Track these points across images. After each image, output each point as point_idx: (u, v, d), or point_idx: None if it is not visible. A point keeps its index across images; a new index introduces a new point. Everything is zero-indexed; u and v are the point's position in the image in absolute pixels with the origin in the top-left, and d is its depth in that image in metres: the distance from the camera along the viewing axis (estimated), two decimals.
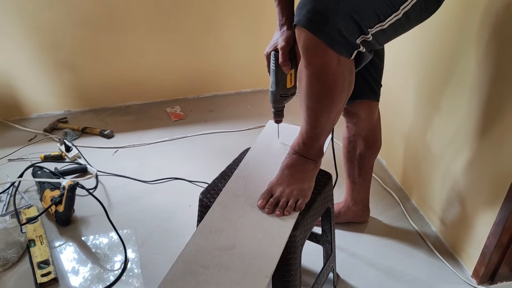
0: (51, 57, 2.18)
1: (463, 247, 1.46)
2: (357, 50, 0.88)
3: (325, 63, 0.86)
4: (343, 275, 1.43)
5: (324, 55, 0.85)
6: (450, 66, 1.38)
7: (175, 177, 1.89)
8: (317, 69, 0.88)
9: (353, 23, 0.84)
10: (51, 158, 1.96)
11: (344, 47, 0.85)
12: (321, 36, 0.83)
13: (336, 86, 0.90)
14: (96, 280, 1.43)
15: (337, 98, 0.92)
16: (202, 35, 2.36)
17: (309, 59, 0.87)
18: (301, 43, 0.86)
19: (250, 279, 0.85)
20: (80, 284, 1.41)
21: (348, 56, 0.87)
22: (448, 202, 1.50)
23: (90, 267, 1.47)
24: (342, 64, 0.87)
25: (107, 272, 1.46)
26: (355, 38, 0.86)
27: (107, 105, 2.42)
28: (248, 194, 1.06)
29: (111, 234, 1.59)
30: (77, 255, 1.52)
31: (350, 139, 1.42)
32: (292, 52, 1.05)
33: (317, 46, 0.84)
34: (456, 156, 1.41)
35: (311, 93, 0.92)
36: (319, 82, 0.90)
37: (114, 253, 1.53)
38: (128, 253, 1.51)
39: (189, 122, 2.32)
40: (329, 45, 0.83)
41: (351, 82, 0.93)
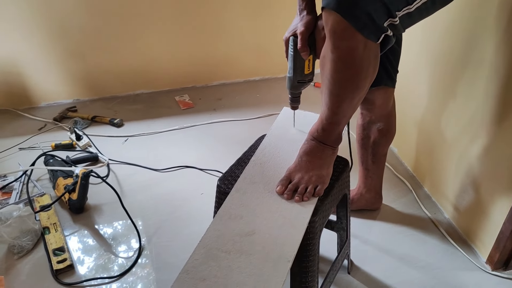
0: (60, 46, 2.18)
1: (477, 233, 1.46)
2: (384, 33, 0.87)
3: (352, 47, 0.85)
4: (357, 262, 1.44)
5: (351, 39, 0.84)
6: (467, 51, 1.37)
7: (186, 165, 1.89)
8: (343, 53, 0.87)
9: (382, 6, 0.83)
10: (62, 147, 1.97)
11: (372, 31, 0.84)
12: (350, 19, 0.81)
13: (362, 71, 0.89)
14: (110, 267, 1.44)
15: (362, 83, 0.91)
16: (210, 23, 2.34)
17: (336, 43, 0.86)
18: (328, 27, 0.85)
19: (272, 264, 0.85)
20: (94, 270, 1.42)
21: (375, 40, 0.86)
22: (462, 188, 1.50)
23: (104, 254, 1.48)
24: (368, 48, 0.86)
25: (121, 259, 1.47)
26: (383, 21, 0.85)
27: (116, 93, 2.42)
28: (265, 181, 1.05)
29: (124, 222, 1.60)
30: (91, 242, 1.53)
31: (364, 126, 1.42)
32: (311, 37, 1.03)
33: (345, 30, 0.83)
34: (471, 142, 1.41)
35: (336, 78, 0.91)
36: (345, 67, 0.89)
37: (127, 240, 1.53)
38: (142, 240, 1.51)
39: (198, 110, 2.31)
40: (358, 29, 0.82)
41: (376, 67, 0.92)
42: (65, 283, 1.37)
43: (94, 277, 1.39)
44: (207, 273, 0.84)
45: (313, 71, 1.10)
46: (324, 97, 0.97)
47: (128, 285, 1.38)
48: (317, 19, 1.05)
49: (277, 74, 2.60)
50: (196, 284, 0.82)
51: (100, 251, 1.50)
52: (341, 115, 0.98)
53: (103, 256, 1.47)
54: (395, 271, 1.40)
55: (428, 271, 1.40)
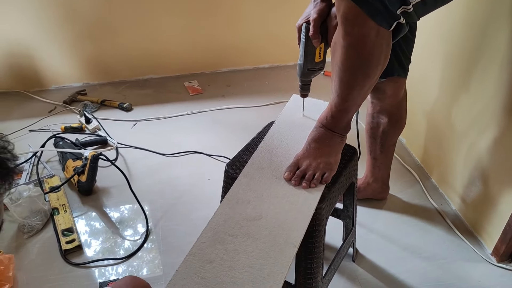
0: (71, 29, 2.18)
1: (483, 225, 1.45)
2: (397, 21, 0.86)
3: (364, 34, 0.84)
4: (362, 250, 1.44)
5: (363, 26, 0.83)
6: (480, 42, 1.35)
7: (194, 150, 1.90)
8: (355, 40, 0.86)
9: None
10: (72, 130, 1.98)
11: (384, 17, 0.83)
12: (362, 5, 0.81)
13: (373, 58, 0.88)
14: (117, 249, 1.46)
15: (372, 71, 0.91)
16: (221, 9, 2.32)
17: (347, 30, 0.85)
18: (340, 13, 0.84)
19: (278, 248, 0.86)
20: (102, 252, 1.44)
21: (387, 28, 0.85)
22: (470, 180, 1.49)
23: (111, 236, 1.50)
24: (381, 35, 0.85)
25: (128, 241, 1.49)
26: (396, 8, 0.84)
27: (125, 78, 2.42)
28: (273, 167, 1.06)
29: (131, 205, 1.62)
30: (99, 224, 1.55)
31: (374, 115, 1.41)
32: (324, 25, 1.03)
33: (357, 16, 0.82)
34: (481, 134, 1.39)
35: (346, 65, 0.90)
36: (356, 54, 0.88)
37: (134, 223, 1.55)
38: (149, 223, 1.53)
39: (207, 96, 2.31)
40: (370, 15, 0.81)
41: (387, 55, 0.91)
42: (74, 263, 1.39)
43: (101, 258, 1.41)
44: (213, 255, 0.85)
45: (324, 59, 1.10)
46: (334, 84, 0.96)
47: (134, 267, 1.40)
48: (331, 7, 1.04)
49: (286, 62, 2.58)
50: (203, 266, 0.83)
51: (108, 233, 1.52)
52: (350, 103, 0.97)
53: (111, 238, 1.50)
54: (400, 261, 1.41)
55: (433, 262, 1.40)
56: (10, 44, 2.15)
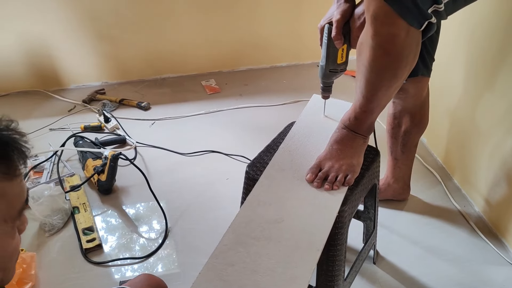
0: (89, 28, 2.20)
1: (508, 227, 1.42)
2: (428, 20, 0.84)
3: (393, 34, 0.83)
4: (383, 252, 1.42)
5: (393, 25, 0.81)
6: (508, 39, 1.31)
7: (212, 150, 1.90)
8: (384, 40, 0.84)
9: None
10: (91, 129, 2.00)
11: (415, 17, 0.81)
12: (393, 4, 0.79)
13: (402, 59, 0.86)
14: (136, 248, 1.47)
15: (400, 72, 0.89)
16: (237, 8, 2.31)
17: (376, 29, 0.83)
18: (370, 12, 0.82)
19: (301, 252, 0.85)
20: (121, 251, 1.45)
21: (418, 27, 0.83)
22: (494, 182, 1.46)
23: (131, 235, 1.51)
24: (411, 35, 0.83)
25: (147, 241, 1.49)
26: (428, 7, 0.82)
27: (143, 77, 2.43)
28: (294, 168, 1.05)
29: (150, 204, 1.62)
30: (119, 223, 1.56)
31: (395, 115, 1.38)
32: (346, 26, 1.01)
33: (387, 15, 0.80)
34: (507, 134, 1.36)
35: (374, 65, 0.89)
36: (384, 54, 0.86)
37: (153, 222, 1.56)
38: (168, 223, 1.53)
39: (224, 95, 2.31)
40: (401, 15, 0.80)
41: (416, 55, 0.89)
42: (94, 261, 1.40)
43: (120, 257, 1.42)
44: (236, 258, 0.85)
45: (346, 61, 1.08)
46: (360, 84, 0.94)
47: (153, 266, 1.40)
48: (354, 8, 1.02)
49: (304, 61, 2.56)
50: (225, 269, 0.83)
51: (127, 232, 1.53)
52: (375, 104, 0.96)
53: (130, 237, 1.50)
54: (421, 263, 1.39)
55: (456, 264, 1.38)
56: (30, 44, 2.18)
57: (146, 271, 1.38)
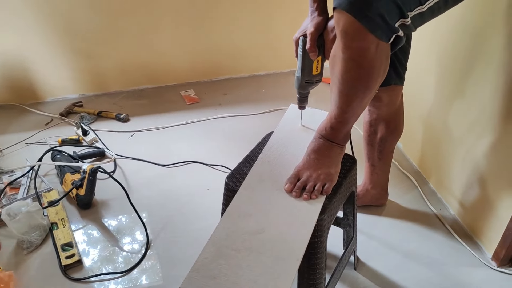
0: (66, 41, 2.18)
1: (482, 230, 1.46)
2: (395, 34, 0.87)
3: (364, 48, 0.85)
4: (363, 258, 1.44)
5: (363, 40, 0.84)
6: (475, 47, 1.36)
7: (192, 160, 1.90)
8: (355, 54, 0.87)
9: (395, 7, 0.83)
10: (69, 142, 1.98)
11: (384, 31, 0.84)
12: (362, 20, 0.81)
13: (373, 71, 0.89)
14: (118, 262, 1.45)
15: (372, 83, 0.91)
16: (215, 18, 2.33)
17: (347, 44, 0.86)
18: (340, 27, 0.85)
19: (281, 262, 0.86)
20: (102, 266, 1.43)
21: (386, 41, 0.86)
22: (468, 185, 1.50)
23: (112, 249, 1.50)
24: (380, 49, 0.86)
25: (129, 255, 1.48)
26: (395, 22, 0.85)
27: (121, 88, 2.42)
28: (274, 179, 1.06)
29: (131, 217, 1.61)
30: (99, 237, 1.54)
31: (371, 123, 1.42)
32: (321, 39, 1.04)
33: (357, 31, 0.83)
34: (478, 139, 1.40)
35: (346, 78, 0.91)
36: (356, 67, 0.89)
37: (134, 236, 1.55)
38: (149, 236, 1.52)
39: (204, 105, 2.31)
40: (370, 30, 0.82)
41: (386, 67, 0.92)
42: (74, 278, 1.38)
43: (102, 272, 1.40)
44: (217, 271, 0.85)
45: (321, 72, 1.11)
46: (334, 96, 0.97)
47: (135, 280, 1.39)
48: (327, 21, 1.05)
49: (282, 69, 2.60)
50: (207, 282, 0.83)
51: (108, 246, 1.51)
52: (350, 114, 0.98)
53: (111, 252, 1.49)
54: (401, 267, 1.41)
55: (434, 267, 1.41)
56: (5, 57, 2.15)
57: (129, 284, 1.37)
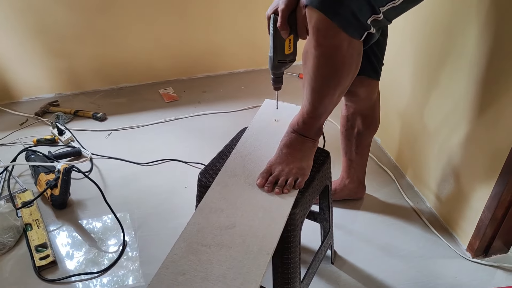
0: (40, 40, 2.14)
1: (457, 221, 1.48)
2: (367, 31, 0.86)
3: (335, 45, 0.85)
4: (340, 252, 1.45)
5: (335, 37, 0.83)
6: (448, 43, 1.37)
7: (170, 158, 1.88)
8: (326, 51, 0.86)
9: (366, 4, 0.82)
10: (44, 142, 1.94)
11: (356, 29, 0.84)
12: (334, 18, 0.81)
13: (344, 68, 0.89)
14: (94, 262, 1.43)
15: (344, 80, 0.91)
16: (192, 15, 2.31)
17: (319, 41, 0.85)
18: (311, 24, 0.84)
19: (251, 257, 0.86)
20: (78, 266, 1.41)
21: (358, 38, 0.86)
22: (443, 178, 1.52)
23: (88, 249, 1.47)
24: (352, 46, 0.86)
25: (105, 254, 1.46)
26: (367, 18, 0.84)
27: (98, 87, 2.39)
28: (247, 174, 1.05)
29: (108, 217, 1.59)
30: (74, 238, 1.52)
31: (348, 117, 1.42)
32: (292, 16, 0.99)
33: (329, 28, 0.82)
34: (452, 132, 1.42)
35: (318, 74, 0.90)
36: (327, 64, 0.88)
37: (111, 235, 1.53)
38: (126, 235, 1.51)
39: (183, 103, 2.30)
40: (342, 28, 0.82)
41: (358, 64, 0.91)
42: (48, 279, 1.36)
43: (78, 272, 1.38)
44: (187, 267, 0.84)
45: (294, 51, 1.06)
46: (306, 91, 0.96)
47: (112, 280, 1.37)
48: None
49: (261, 66, 2.59)
50: (176, 279, 0.82)
51: (84, 246, 1.49)
52: (322, 110, 0.98)
53: (87, 252, 1.47)
54: (378, 261, 1.42)
55: (410, 260, 1.42)
56: None
57: (106, 284, 1.35)
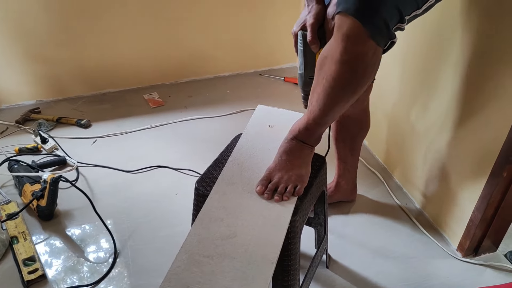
0: (20, 44, 2.07)
1: (447, 222, 1.51)
2: (391, 40, 0.87)
3: (362, 52, 0.85)
4: (334, 256, 1.46)
5: (364, 45, 0.84)
6: (437, 43, 1.40)
7: (159, 165, 1.86)
8: (352, 58, 0.86)
9: (397, 13, 0.84)
10: (27, 151, 1.88)
11: (383, 37, 0.85)
12: (367, 26, 0.81)
13: (365, 75, 0.89)
14: (85, 274, 1.39)
15: (360, 88, 0.91)
16: (176, 19, 2.29)
17: (347, 47, 0.85)
18: (343, 30, 0.84)
19: (255, 266, 0.85)
20: (69, 279, 1.37)
21: (383, 46, 0.87)
22: (431, 179, 1.55)
23: (78, 261, 1.44)
24: (376, 54, 0.87)
25: (96, 265, 1.43)
26: (394, 26, 0.86)
27: (81, 93, 2.34)
28: (244, 181, 1.05)
29: (97, 227, 1.55)
30: (63, 250, 1.48)
31: (341, 121, 1.41)
32: (321, 31, 0.99)
33: (359, 35, 0.82)
34: (440, 133, 1.45)
35: (338, 81, 0.89)
36: (350, 71, 0.88)
37: (101, 246, 1.49)
38: (117, 245, 1.47)
39: (169, 108, 2.27)
40: (371, 36, 0.82)
41: (376, 71, 0.91)
42: None
43: (68, 286, 1.34)
44: (190, 280, 0.83)
45: None
46: (317, 97, 0.94)
47: None
48: (326, 9, 1.02)
49: (246, 70, 2.59)
50: None
51: (73, 258, 1.45)
52: (330, 117, 0.98)
53: (77, 264, 1.43)
54: (372, 263, 1.43)
55: (403, 261, 1.44)
56: None
57: None
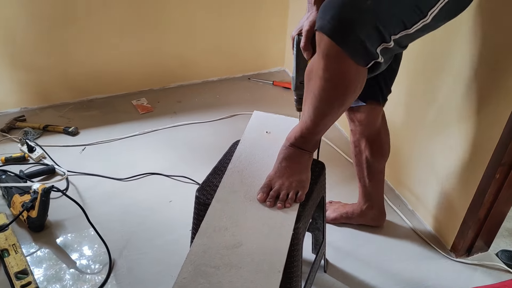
0: (3, 51, 2.02)
1: (440, 223, 1.53)
2: (374, 60, 0.86)
3: (343, 71, 0.85)
4: (332, 260, 1.46)
5: (343, 64, 0.84)
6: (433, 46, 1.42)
7: (151, 172, 1.83)
8: (334, 75, 0.86)
9: (377, 34, 0.82)
10: (13, 160, 1.83)
11: (362, 57, 0.84)
12: (343, 46, 0.81)
13: (349, 92, 0.89)
14: (81, 287, 1.36)
15: (347, 102, 0.92)
16: (164, 24, 2.27)
17: (327, 65, 0.85)
18: (321, 48, 0.84)
19: (263, 275, 0.85)
20: None
21: (364, 66, 0.86)
22: (424, 181, 1.57)
23: (71, 273, 1.40)
24: (359, 72, 0.86)
25: (90, 277, 1.40)
26: (376, 47, 0.85)
27: (67, 100, 2.29)
28: (246, 189, 1.04)
29: (90, 237, 1.52)
30: (55, 262, 1.44)
31: (355, 143, 1.39)
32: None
33: (337, 54, 0.82)
34: (434, 135, 1.47)
35: (323, 95, 0.90)
36: (333, 87, 0.88)
37: (95, 256, 1.46)
38: (112, 255, 1.45)
39: (158, 114, 2.24)
40: (349, 55, 0.82)
41: (362, 86, 0.91)
42: None
43: None
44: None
45: None
46: (307, 109, 0.96)
47: None
48: None
49: (234, 74, 2.58)
50: None
51: (67, 270, 1.41)
52: (321, 127, 0.98)
53: (71, 276, 1.40)
54: (368, 267, 1.44)
55: (399, 263, 1.45)
56: None
57: None
